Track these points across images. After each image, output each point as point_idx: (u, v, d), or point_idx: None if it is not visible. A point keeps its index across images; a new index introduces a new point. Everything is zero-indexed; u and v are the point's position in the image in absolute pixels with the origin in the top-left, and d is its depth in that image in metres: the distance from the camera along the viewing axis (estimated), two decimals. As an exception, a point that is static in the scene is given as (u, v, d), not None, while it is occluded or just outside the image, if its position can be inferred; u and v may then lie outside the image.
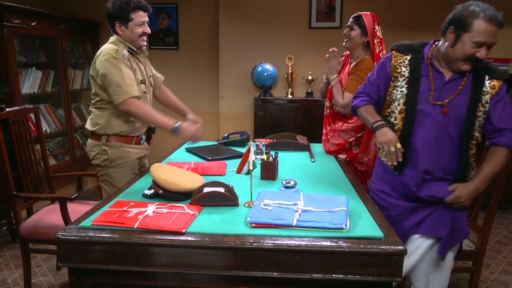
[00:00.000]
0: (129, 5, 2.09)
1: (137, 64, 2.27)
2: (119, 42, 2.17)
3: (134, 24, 2.13)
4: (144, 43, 2.24)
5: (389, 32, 4.03)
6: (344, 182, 2.00)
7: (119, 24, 2.14)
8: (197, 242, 1.32)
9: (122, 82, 2.07)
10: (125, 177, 2.26)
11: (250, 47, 4.20)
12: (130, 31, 2.14)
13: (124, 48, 2.17)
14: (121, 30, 2.15)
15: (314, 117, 3.97)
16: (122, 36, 2.17)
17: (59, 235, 1.37)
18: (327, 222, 1.38)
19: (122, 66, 2.10)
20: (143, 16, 2.16)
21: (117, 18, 2.12)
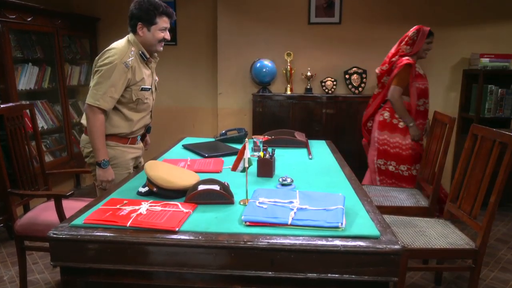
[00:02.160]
0: (157, 9, 2.09)
1: (146, 70, 2.24)
2: (134, 44, 2.15)
3: (157, 28, 2.12)
4: (161, 48, 2.23)
5: (391, 25, 4.00)
6: (342, 179, 1.97)
7: (141, 26, 2.12)
8: (190, 241, 1.30)
9: (102, 88, 2.05)
10: (119, 177, 2.24)
11: (248, 42, 4.16)
12: (152, 34, 2.13)
13: (136, 51, 2.14)
14: (142, 32, 2.13)
15: (313, 113, 3.94)
16: (142, 37, 2.15)
17: (51, 233, 1.34)
18: (322, 220, 1.36)
19: (117, 74, 2.06)
20: (167, 22, 2.15)
21: (141, 20, 2.11)
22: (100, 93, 2.05)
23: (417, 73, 3.21)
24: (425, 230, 2.23)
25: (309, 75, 4.03)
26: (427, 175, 2.78)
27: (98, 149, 2.12)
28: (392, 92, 3.21)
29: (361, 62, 4.07)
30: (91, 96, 2.07)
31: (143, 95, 2.23)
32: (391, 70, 3.31)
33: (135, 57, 2.14)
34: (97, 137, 2.10)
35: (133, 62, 2.13)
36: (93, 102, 2.05)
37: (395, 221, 2.35)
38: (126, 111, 2.23)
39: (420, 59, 3.32)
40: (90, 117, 2.08)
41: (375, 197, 2.77)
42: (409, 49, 3.25)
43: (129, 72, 2.11)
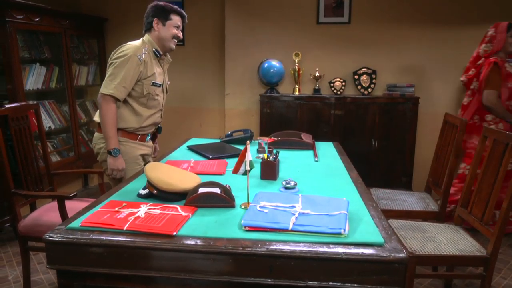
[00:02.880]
0: (171, 8, 2.28)
1: (158, 68, 2.35)
2: (149, 43, 2.29)
3: (171, 24, 2.27)
4: (174, 46, 2.36)
5: (402, 25, 3.93)
6: (348, 183, 1.92)
7: (157, 21, 2.26)
8: (187, 246, 1.26)
9: (116, 79, 2.14)
10: (130, 172, 2.28)
11: (256, 42, 4.12)
12: (167, 29, 2.27)
13: (150, 48, 2.27)
14: (157, 27, 2.27)
15: (321, 114, 3.88)
16: (157, 33, 2.27)
17: (46, 236, 1.32)
18: (324, 226, 1.31)
19: (130, 66, 2.15)
20: (180, 21, 2.32)
21: (157, 15, 2.26)
22: (114, 83, 2.14)
23: (507, 72, 3.10)
24: (435, 235, 2.16)
25: (318, 75, 3.98)
26: (437, 178, 2.70)
27: (110, 137, 2.18)
28: (487, 97, 3.08)
29: (371, 62, 3.99)
30: (104, 86, 2.16)
31: (153, 90, 2.30)
32: (479, 74, 3.20)
33: (149, 53, 2.26)
34: (109, 126, 2.17)
35: (146, 57, 2.23)
36: (106, 91, 2.14)
37: (403, 225, 2.29)
38: (136, 105, 2.29)
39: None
40: (103, 106, 2.16)
41: (383, 200, 2.70)
42: (489, 46, 3.15)
43: (142, 65, 2.20)
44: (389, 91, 3.88)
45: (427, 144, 3.91)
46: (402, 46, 3.96)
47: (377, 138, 3.86)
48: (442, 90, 4.00)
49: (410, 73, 3.99)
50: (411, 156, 3.87)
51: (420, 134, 3.94)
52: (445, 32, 3.88)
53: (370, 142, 3.87)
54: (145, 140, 2.40)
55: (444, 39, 3.90)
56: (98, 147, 2.32)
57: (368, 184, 3.74)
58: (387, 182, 3.88)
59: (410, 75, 3.99)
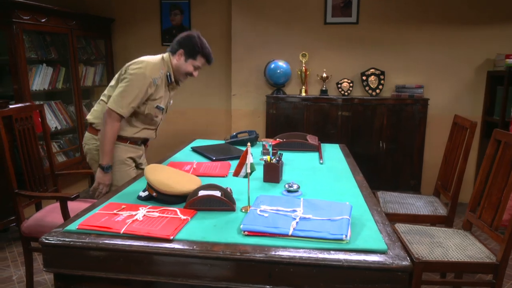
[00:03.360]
0: (203, 49, 2.21)
1: (166, 92, 2.31)
2: (166, 64, 2.24)
3: (192, 63, 2.23)
4: (184, 79, 2.33)
5: (411, 25, 3.86)
6: (352, 186, 1.88)
7: (182, 53, 2.21)
8: (184, 251, 1.23)
9: (127, 97, 2.10)
10: (120, 173, 2.25)
11: (263, 43, 4.08)
12: (186, 65, 2.23)
13: (164, 72, 2.24)
14: (178, 58, 2.23)
15: (328, 116, 3.84)
16: (176, 62, 2.24)
17: (43, 239, 1.31)
18: (325, 232, 1.27)
19: (143, 87, 2.12)
20: (203, 63, 2.26)
21: (184, 48, 2.20)
22: (125, 101, 2.10)
23: None
24: (442, 241, 2.10)
25: (325, 76, 3.93)
26: (446, 182, 2.64)
27: (106, 153, 2.15)
28: None
29: (379, 63, 3.93)
30: (115, 102, 2.10)
31: (155, 112, 2.28)
32: None
33: (162, 77, 2.23)
34: (108, 142, 2.14)
35: (160, 81, 2.21)
36: (116, 109, 2.09)
37: (410, 230, 2.23)
38: (134, 119, 2.27)
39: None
40: (109, 122, 2.12)
41: (390, 204, 2.65)
42: None
43: (153, 88, 2.17)
44: (397, 92, 3.82)
45: (437, 147, 3.83)
46: (411, 46, 3.90)
47: (385, 140, 3.80)
48: (452, 91, 3.92)
49: (419, 74, 3.92)
50: (420, 158, 3.80)
51: (429, 136, 3.87)
52: (456, 32, 3.81)
53: (378, 144, 3.81)
54: (135, 144, 2.37)
55: (454, 38, 3.82)
56: (88, 147, 2.30)
57: (376, 187, 3.72)
58: (395, 185, 3.82)
59: (419, 76, 3.92)
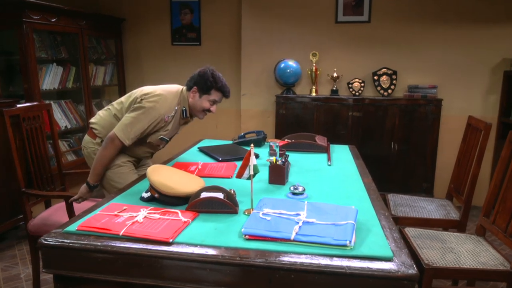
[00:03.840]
0: (216, 83, 2.16)
1: (176, 125, 2.27)
2: (183, 100, 2.22)
3: (207, 98, 2.19)
4: (202, 117, 2.28)
5: (426, 24, 3.77)
6: (360, 189, 1.82)
7: (195, 90, 2.19)
8: (182, 254, 1.20)
9: (136, 130, 2.07)
10: (118, 176, 2.22)
11: (273, 42, 4.04)
12: (201, 101, 2.20)
13: (180, 107, 2.22)
14: (193, 96, 2.20)
15: (338, 116, 3.77)
16: (191, 100, 2.21)
17: (42, 240, 1.29)
18: (329, 237, 1.23)
19: (153, 121, 2.09)
20: (219, 96, 2.22)
21: (197, 85, 2.18)
22: (132, 133, 2.07)
23: None
24: (454, 246, 2.03)
25: (335, 76, 3.87)
26: (459, 185, 2.56)
27: (96, 174, 2.14)
28: None
29: (391, 62, 3.85)
30: (123, 131, 2.07)
31: (157, 142, 2.25)
32: None
33: (177, 112, 2.21)
34: (102, 165, 2.12)
35: (172, 118, 2.19)
36: (122, 138, 2.06)
37: (421, 234, 2.16)
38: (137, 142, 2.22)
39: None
40: (109, 147, 2.09)
41: (401, 207, 2.58)
42: None
43: (163, 124, 2.16)
44: (410, 93, 3.74)
45: (450, 148, 3.74)
46: (424, 46, 3.81)
47: (397, 141, 3.72)
48: (467, 91, 3.81)
49: (432, 74, 3.83)
50: (433, 160, 3.71)
51: (443, 137, 3.77)
52: (471, 31, 3.71)
53: (389, 145, 3.73)
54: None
55: (469, 37, 3.72)
56: (87, 151, 2.30)
57: (387, 189, 3.64)
58: (406, 188, 3.74)
59: (432, 75, 3.83)
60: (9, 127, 2.28)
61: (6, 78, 3.27)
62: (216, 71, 2.21)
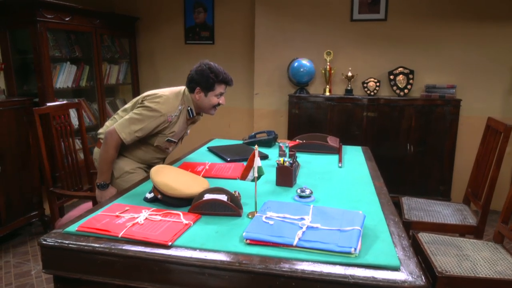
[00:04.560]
0: (217, 77, 2.11)
1: (184, 124, 2.22)
2: (187, 100, 2.17)
3: (213, 94, 2.15)
4: (213, 113, 2.25)
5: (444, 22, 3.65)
6: (370, 193, 1.76)
7: (199, 90, 2.14)
8: (179, 259, 1.17)
9: (134, 126, 2.03)
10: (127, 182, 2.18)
11: (286, 41, 3.98)
12: (208, 99, 2.16)
13: (185, 107, 2.17)
14: (199, 96, 2.16)
15: (352, 116, 3.69)
16: (198, 101, 2.17)
17: (41, 240, 1.28)
18: (333, 243, 1.18)
19: (154, 121, 2.05)
20: (223, 88, 2.18)
21: (199, 85, 2.13)
22: (131, 128, 2.03)
23: None
24: (470, 253, 1.94)
25: (350, 75, 3.78)
26: (476, 189, 2.45)
27: (102, 172, 2.10)
28: None
29: (408, 61, 3.75)
30: (121, 125, 2.04)
31: (165, 144, 2.21)
32: None
33: (182, 111, 2.16)
34: (105, 163, 2.09)
35: (176, 118, 2.14)
36: (119, 131, 2.03)
37: (435, 240, 2.08)
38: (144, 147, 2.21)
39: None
40: (109, 142, 2.05)
41: (415, 211, 2.49)
42: None
43: (166, 124, 2.11)
44: (427, 92, 3.62)
45: (469, 151, 3.61)
46: (443, 44, 3.69)
47: (413, 143, 3.61)
48: (486, 91, 3.67)
49: (451, 73, 3.70)
50: (451, 163, 3.59)
51: (461, 139, 3.65)
52: (491, 28, 3.56)
53: (405, 146, 3.63)
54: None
55: (489, 36, 3.58)
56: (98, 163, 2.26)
57: (402, 192, 3.55)
58: (422, 191, 3.63)
59: (451, 75, 3.70)
60: (38, 126, 2.31)
61: (21, 77, 3.31)
62: (212, 63, 2.17)
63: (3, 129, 2.85)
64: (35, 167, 3.12)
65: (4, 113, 2.84)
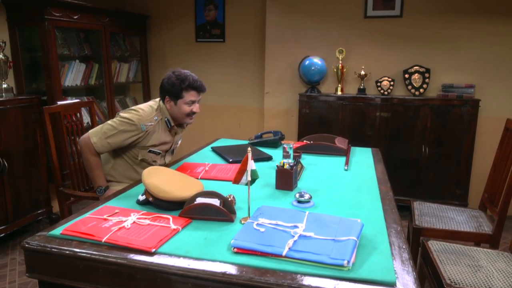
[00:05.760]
0: (183, 83, 2.06)
1: (167, 136, 2.20)
2: (162, 111, 2.15)
3: (183, 102, 2.09)
4: (190, 121, 2.19)
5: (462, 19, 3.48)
6: (374, 198, 1.66)
7: (168, 99, 2.11)
8: (162, 266, 1.11)
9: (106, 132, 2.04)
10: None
11: (297, 38, 3.89)
12: (178, 108, 2.11)
13: (162, 118, 2.15)
14: (169, 105, 2.13)
15: (365, 117, 3.57)
16: (169, 110, 2.14)
17: (24, 243, 1.24)
18: (325, 255, 1.09)
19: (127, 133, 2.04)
20: (194, 95, 2.11)
21: (168, 93, 2.10)
22: (102, 134, 2.05)
23: None
24: (483, 264, 1.82)
25: (363, 74, 3.66)
26: (493, 194, 2.32)
27: (94, 180, 2.12)
28: None
29: (424, 60, 3.60)
30: (94, 131, 2.08)
31: (150, 157, 2.18)
32: None
33: (159, 123, 2.14)
34: (91, 169, 2.10)
35: (152, 128, 2.11)
36: (91, 135, 2.06)
37: (446, 249, 1.96)
38: (134, 165, 2.20)
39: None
40: (84, 148, 2.08)
41: (426, 217, 2.37)
42: None
43: (141, 134, 2.07)
44: (444, 92, 3.47)
45: (488, 153, 3.44)
46: (461, 42, 3.52)
47: (428, 144, 3.47)
48: (507, 91, 3.49)
49: (469, 72, 3.53)
50: (468, 165, 3.43)
51: (480, 141, 3.49)
52: (513, 26, 3.39)
53: (420, 148, 3.49)
54: None
55: (510, 33, 3.40)
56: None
57: (416, 195, 3.41)
58: (438, 194, 3.49)
59: (469, 74, 3.53)
60: (48, 125, 2.30)
61: (30, 75, 3.33)
62: (181, 70, 2.11)
63: (10, 127, 2.86)
64: (42, 165, 3.13)
65: (11, 111, 2.85)
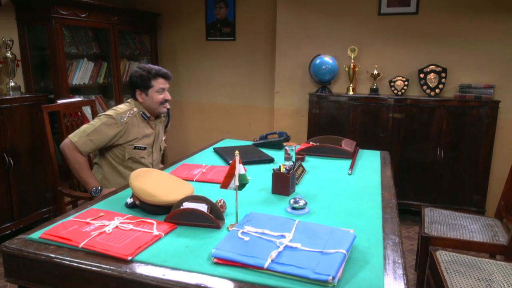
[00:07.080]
0: (150, 73, 2.14)
1: (147, 129, 2.22)
2: (136, 105, 2.19)
3: (154, 91, 2.15)
4: (164, 109, 2.24)
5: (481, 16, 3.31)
6: (375, 206, 1.56)
7: (139, 92, 2.17)
8: (135, 276, 1.05)
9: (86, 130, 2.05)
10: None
11: (309, 37, 3.78)
12: (150, 98, 2.16)
13: (137, 111, 2.17)
14: (141, 98, 2.18)
15: (377, 118, 3.44)
16: (143, 103, 2.19)
17: (2, 246, 1.20)
18: (309, 269, 1.01)
19: (106, 125, 2.06)
20: (163, 83, 2.18)
21: (137, 86, 2.16)
22: (83, 132, 2.06)
23: None
24: (495, 277, 1.70)
25: (376, 73, 3.53)
26: (510, 202, 2.17)
27: (85, 182, 2.11)
28: None
29: (441, 59, 3.44)
30: (74, 133, 2.09)
31: (137, 153, 2.19)
32: None
33: (136, 116, 2.17)
34: (81, 171, 2.09)
35: (130, 120, 2.14)
36: (71, 138, 2.06)
37: (455, 260, 1.84)
38: (122, 168, 2.19)
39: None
40: (67, 152, 2.07)
41: (437, 224, 2.25)
42: None
43: (121, 127, 2.10)
44: (461, 93, 3.31)
45: (508, 157, 3.27)
46: (480, 40, 3.35)
47: (444, 147, 3.31)
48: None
49: (489, 72, 3.36)
50: (486, 170, 3.26)
51: (499, 144, 3.31)
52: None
53: (435, 151, 3.34)
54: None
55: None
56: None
57: (430, 200, 3.27)
58: (453, 200, 3.33)
59: (489, 74, 3.36)
60: (47, 123, 2.29)
61: (39, 73, 3.34)
62: (145, 64, 2.22)
63: (17, 125, 2.87)
64: (48, 163, 3.14)
65: (18, 109, 2.86)
